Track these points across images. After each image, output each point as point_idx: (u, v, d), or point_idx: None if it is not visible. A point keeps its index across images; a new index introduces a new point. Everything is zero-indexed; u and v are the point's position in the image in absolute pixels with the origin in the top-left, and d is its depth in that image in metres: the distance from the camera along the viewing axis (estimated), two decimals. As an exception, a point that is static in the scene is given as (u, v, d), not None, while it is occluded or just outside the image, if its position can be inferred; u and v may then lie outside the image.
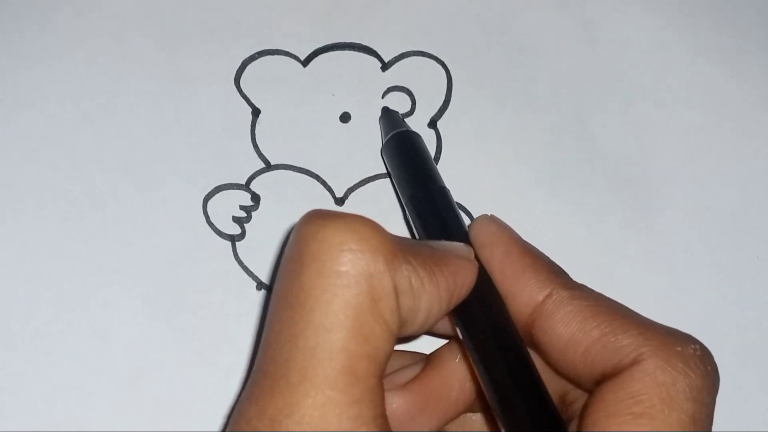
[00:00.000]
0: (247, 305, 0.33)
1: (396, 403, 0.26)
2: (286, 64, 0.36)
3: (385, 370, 0.23)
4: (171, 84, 0.35)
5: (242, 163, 0.35)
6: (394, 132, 0.34)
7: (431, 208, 0.30)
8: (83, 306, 0.32)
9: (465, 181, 0.35)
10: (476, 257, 0.27)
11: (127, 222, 0.33)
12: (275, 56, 0.36)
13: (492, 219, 0.28)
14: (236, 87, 0.36)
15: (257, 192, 0.34)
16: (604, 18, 0.38)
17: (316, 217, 0.23)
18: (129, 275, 0.33)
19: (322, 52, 0.37)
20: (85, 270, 0.32)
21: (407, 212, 0.31)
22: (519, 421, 0.24)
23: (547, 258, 0.27)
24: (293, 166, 0.35)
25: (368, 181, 0.35)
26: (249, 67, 0.36)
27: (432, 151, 0.36)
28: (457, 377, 0.27)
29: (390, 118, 0.35)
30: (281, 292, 0.23)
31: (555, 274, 0.26)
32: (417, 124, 0.36)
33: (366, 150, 0.35)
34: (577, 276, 0.34)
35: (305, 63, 0.36)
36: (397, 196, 0.34)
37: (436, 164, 0.35)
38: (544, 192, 0.35)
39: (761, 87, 0.38)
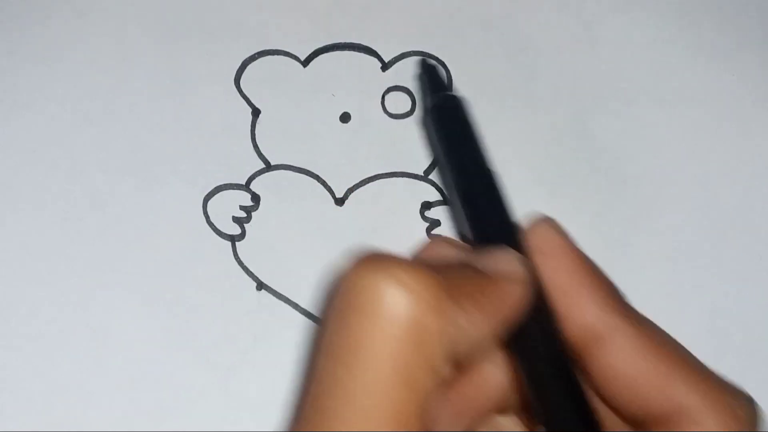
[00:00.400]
0: (247, 305, 0.33)
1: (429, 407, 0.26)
2: (287, 64, 0.36)
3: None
4: (171, 84, 0.35)
5: (242, 163, 0.35)
6: (446, 94, 0.31)
7: (487, 202, 0.27)
8: (83, 306, 0.32)
9: (465, 181, 0.35)
10: (534, 271, 0.25)
11: (127, 222, 0.33)
12: (275, 56, 0.36)
13: (553, 224, 0.27)
14: (236, 87, 0.36)
15: (257, 192, 0.34)
16: (604, 18, 0.38)
17: (361, 264, 0.23)
18: (129, 275, 0.33)
19: (322, 52, 0.37)
20: (85, 270, 0.32)
21: (456, 196, 0.29)
22: None
23: (609, 278, 0.26)
24: (293, 166, 0.35)
25: (368, 181, 0.35)
26: (249, 67, 0.36)
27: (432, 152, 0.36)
28: (492, 384, 0.27)
29: (432, 76, 0.32)
30: (325, 341, 0.23)
31: (611, 293, 0.25)
32: (417, 124, 0.36)
33: (366, 150, 0.35)
34: (577, 276, 0.34)
35: (305, 63, 0.36)
36: (433, 164, 0.33)
37: (436, 165, 0.35)
38: (545, 192, 0.35)
39: (762, 86, 0.38)
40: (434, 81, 0.32)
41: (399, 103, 0.36)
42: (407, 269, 0.22)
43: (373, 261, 0.23)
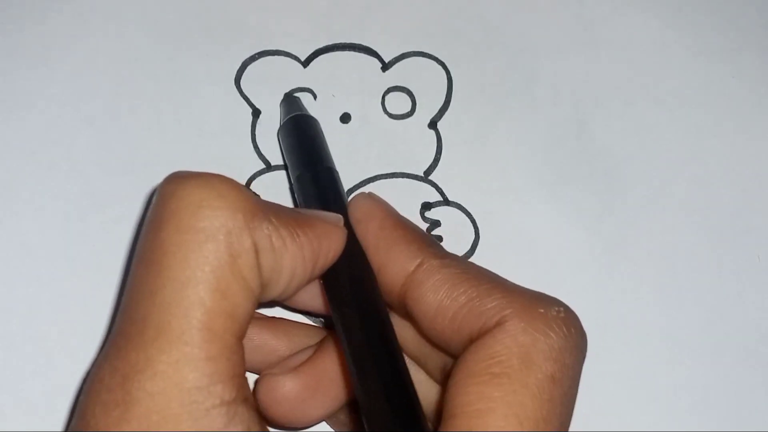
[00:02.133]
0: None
1: (288, 386, 0.26)
2: (287, 64, 0.36)
3: (245, 331, 0.23)
4: (171, 84, 0.35)
5: (242, 163, 0.35)
6: (287, 117, 0.34)
7: (315, 187, 0.30)
8: (83, 306, 0.32)
9: (465, 181, 0.35)
10: (352, 232, 0.27)
11: (128, 222, 0.33)
12: (275, 57, 0.36)
13: (368, 196, 0.28)
14: (237, 87, 0.36)
15: (257, 192, 0.34)
16: (604, 18, 0.38)
17: (176, 176, 0.23)
18: (129, 276, 0.33)
19: (322, 53, 0.37)
20: (86, 270, 0.32)
21: (295, 194, 0.31)
22: (372, 391, 0.23)
23: (421, 230, 0.27)
24: (293, 167, 0.35)
25: (368, 182, 0.35)
26: (249, 67, 0.36)
27: (432, 152, 0.36)
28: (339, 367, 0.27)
29: (288, 103, 0.35)
30: (140, 250, 0.23)
31: (427, 244, 0.26)
32: (417, 124, 0.36)
33: (366, 150, 0.35)
34: (577, 276, 0.34)
35: (305, 63, 0.36)
36: (290, 183, 0.34)
37: (437, 165, 0.35)
38: (545, 192, 0.35)
39: (762, 87, 0.38)
40: (291, 106, 0.35)
41: (399, 103, 0.36)
42: (225, 182, 0.23)
43: (191, 173, 0.23)
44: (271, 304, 0.26)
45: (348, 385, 0.27)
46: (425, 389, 0.27)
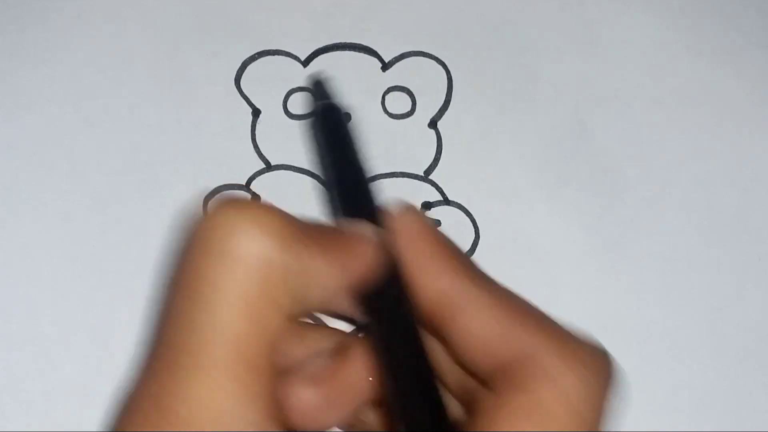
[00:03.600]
0: (247, 305, 0.33)
1: (305, 394, 0.26)
2: (287, 64, 0.36)
3: (276, 351, 0.23)
4: (171, 84, 0.35)
5: (242, 163, 0.35)
6: (326, 103, 0.32)
7: (354, 196, 0.29)
8: (83, 306, 0.32)
9: (465, 181, 0.35)
10: (389, 243, 0.27)
11: (128, 223, 0.33)
12: (275, 56, 0.36)
13: (408, 207, 0.28)
14: (236, 87, 0.36)
15: (257, 192, 0.34)
16: (604, 18, 0.38)
17: (216, 202, 0.24)
18: (129, 276, 0.33)
19: (322, 53, 0.37)
20: (86, 270, 0.32)
21: (332, 189, 0.31)
22: (407, 404, 0.23)
23: (459, 248, 0.27)
24: (293, 167, 0.35)
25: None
26: (249, 67, 0.36)
27: (432, 152, 0.36)
28: (368, 365, 0.27)
29: (322, 88, 0.34)
30: (176, 277, 0.23)
31: (464, 265, 0.26)
32: (417, 124, 0.36)
33: (366, 150, 0.35)
34: (577, 276, 0.34)
35: (305, 63, 0.36)
36: (321, 184, 0.34)
37: (437, 165, 0.36)
38: (545, 192, 0.35)
39: (762, 87, 0.38)
40: (322, 91, 0.33)
41: (399, 103, 0.36)
42: (259, 208, 0.23)
43: (228, 199, 0.24)
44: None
45: (376, 394, 0.27)
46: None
